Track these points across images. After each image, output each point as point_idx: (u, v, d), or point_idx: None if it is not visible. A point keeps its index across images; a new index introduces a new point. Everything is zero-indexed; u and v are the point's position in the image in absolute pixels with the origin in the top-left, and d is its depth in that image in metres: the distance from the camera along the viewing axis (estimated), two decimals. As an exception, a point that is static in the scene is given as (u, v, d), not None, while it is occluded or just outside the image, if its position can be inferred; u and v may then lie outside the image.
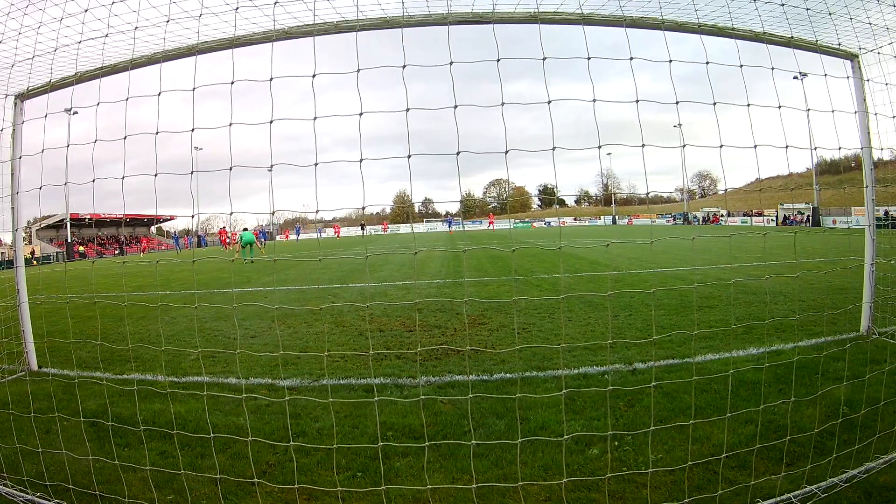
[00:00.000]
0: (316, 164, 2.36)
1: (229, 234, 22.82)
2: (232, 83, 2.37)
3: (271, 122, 2.35)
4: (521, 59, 2.33)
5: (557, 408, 3.21)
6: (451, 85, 2.22)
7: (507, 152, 2.25)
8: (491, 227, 43.60)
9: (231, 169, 2.35)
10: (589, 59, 2.30)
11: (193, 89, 2.37)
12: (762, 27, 3.34)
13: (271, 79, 2.32)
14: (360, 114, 2.27)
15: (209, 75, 2.47)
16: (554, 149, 2.25)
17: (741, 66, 2.62)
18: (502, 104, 2.28)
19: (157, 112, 2.53)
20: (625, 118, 2.63)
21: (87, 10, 2.81)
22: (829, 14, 3.34)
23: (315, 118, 2.32)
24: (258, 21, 3.11)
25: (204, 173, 2.60)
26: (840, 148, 3.03)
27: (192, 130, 2.41)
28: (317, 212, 2.47)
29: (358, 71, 2.27)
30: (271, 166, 2.57)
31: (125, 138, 2.58)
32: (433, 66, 2.26)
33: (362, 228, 53.35)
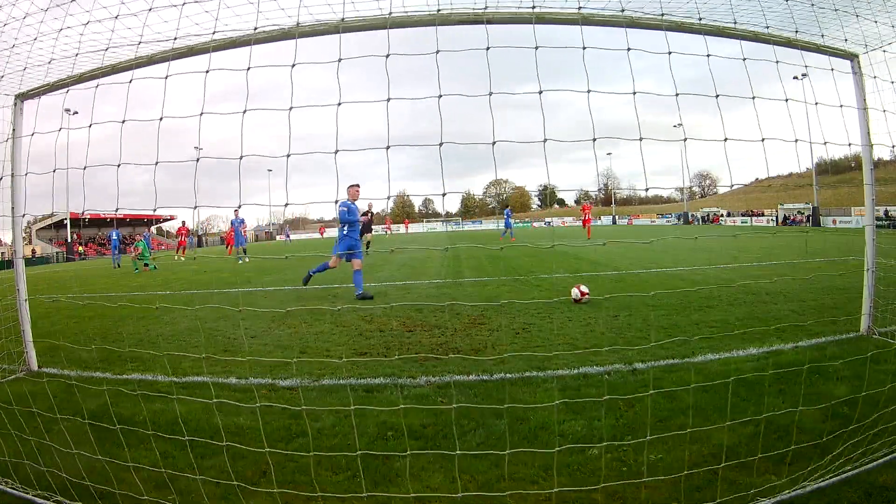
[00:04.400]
0: (288, 156, 2.35)
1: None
2: (207, 71, 2.37)
3: (243, 111, 2.35)
4: (525, 65, 2.34)
5: (557, 408, 3.21)
6: (437, 77, 2.23)
7: (493, 143, 2.26)
8: (585, 225, 27.53)
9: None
10: (584, 48, 2.31)
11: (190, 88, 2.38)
12: (764, 26, 3.34)
13: (248, 68, 2.32)
14: (339, 104, 2.26)
15: (214, 77, 2.47)
16: (545, 141, 2.26)
17: (744, 59, 2.63)
18: (490, 94, 2.29)
19: (149, 111, 2.54)
20: (627, 120, 2.64)
21: (89, 12, 2.82)
22: (835, 10, 3.33)
23: (291, 108, 2.32)
24: (251, 21, 3.11)
25: (205, 174, 2.60)
26: (849, 144, 3.03)
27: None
28: (286, 205, 2.46)
29: (339, 61, 2.27)
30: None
31: (120, 139, 2.58)
32: (438, 71, 2.27)
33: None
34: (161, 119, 2.43)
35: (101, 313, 7.52)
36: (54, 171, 2.85)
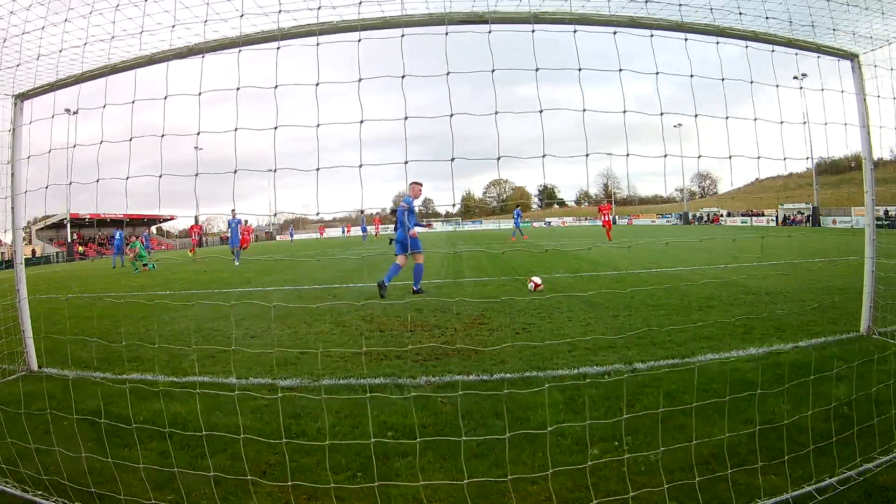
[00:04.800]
0: (318, 169, 2.37)
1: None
2: (238, 88, 2.39)
3: (274, 126, 2.36)
4: (525, 63, 2.36)
5: (557, 408, 3.21)
6: (448, 94, 2.25)
7: (498, 159, 2.29)
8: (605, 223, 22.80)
9: (236, 172, 2.36)
10: (580, 69, 2.35)
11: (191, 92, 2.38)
12: (764, 26, 3.34)
13: (276, 86, 2.33)
14: (361, 122, 2.29)
15: (216, 77, 2.48)
16: (544, 156, 2.28)
17: (723, 79, 2.63)
18: (496, 113, 2.31)
19: (149, 112, 2.55)
20: (628, 120, 2.64)
21: (92, 13, 2.82)
22: (831, 16, 3.34)
23: (318, 125, 2.34)
24: (258, 21, 3.11)
25: (206, 174, 2.60)
26: (808, 157, 3.04)
27: (199, 133, 2.41)
28: (318, 214, 2.48)
29: (359, 80, 2.30)
30: (275, 169, 2.57)
31: (131, 139, 2.58)
32: (449, 91, 2.30)
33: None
34: (199, 133, 2.45)
35: (101, 313, 7.52)
36: (50, 173, 2.85)
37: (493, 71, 2.31)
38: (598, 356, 4.32)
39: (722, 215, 52.45)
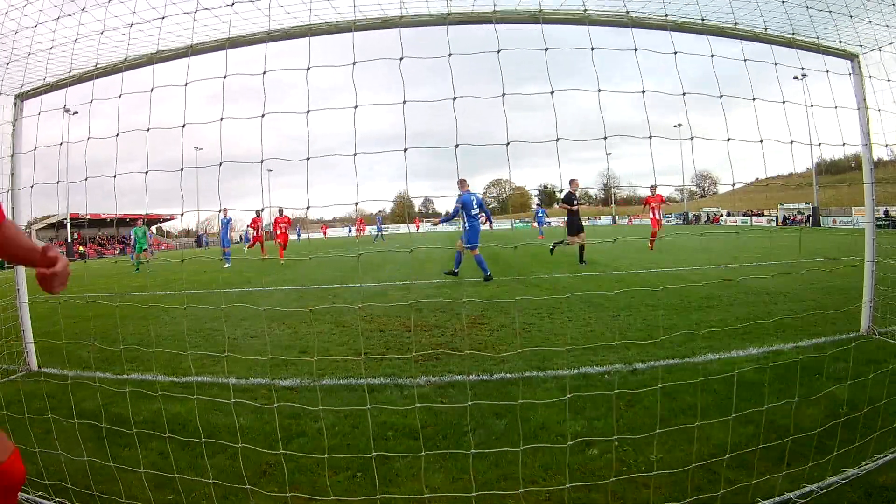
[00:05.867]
0: (308, 159, 2.36)
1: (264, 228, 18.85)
2: (225, 77, 2.38)
3: (261, 115, 2.36)
4: (528, 65, 2.35)
5: (558, 407, 3.21)
6: (451, 80, 2.23)
7: (507, 144, 2.26)
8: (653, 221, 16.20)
9: (221, 164, 2.35)
10: (592, 49, 2.31)
11: (185, 84, 2.38)
12: (764, 26, 3.34)
13: (264, 72, 2.32)
14: (355, 107, 2.27)
15: (215, 76, 2.47)
16: (558, 140, 2.26)
17: (745, 59, 2.63)
18: (503, 94, 2.29)
19: (152, 111, 2.54)
20: (628, 121, 2.65)
21: (83, 10, 2.82)
22: (829, 11, 3.34)
23: (308, 111, 2.33)
24: (256, 21, 3.11)
25: (205, 173, 2.60)
26: (844, 144, 3.04)
27: (183, 126, 2.42)
28: (307, 208, 2.47)
29: (353, 63, 2.28)
30: (262, 160, 2.55)
31: (117, 135, 2.58)
32: (441, 73, 2.28)
33: None
34: (184, 126, 2.44)
35: (102, 313, 7.51)
36: (55, 180, 2.85)
37: (499, 52, 2.28)
38: (598, 356, 4.32)
39: (722, 215, 52.49)
